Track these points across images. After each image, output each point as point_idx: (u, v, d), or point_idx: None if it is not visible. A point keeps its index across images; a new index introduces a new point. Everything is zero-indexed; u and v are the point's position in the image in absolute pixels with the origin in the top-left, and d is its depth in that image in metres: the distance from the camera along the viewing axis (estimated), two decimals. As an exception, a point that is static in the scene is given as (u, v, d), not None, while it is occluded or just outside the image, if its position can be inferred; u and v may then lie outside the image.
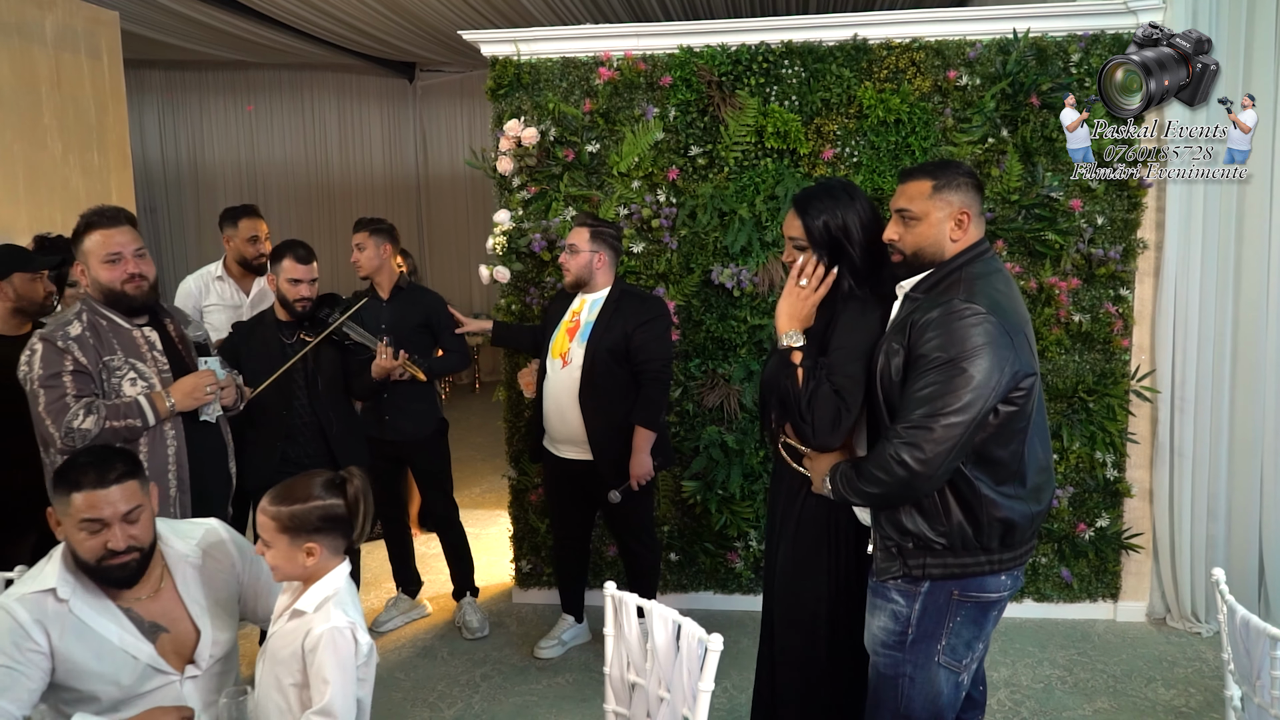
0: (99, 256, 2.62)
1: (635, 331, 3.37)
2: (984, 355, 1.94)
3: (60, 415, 2.52)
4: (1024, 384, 2.01)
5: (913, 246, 2.14)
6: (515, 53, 3.93)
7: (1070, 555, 3.97)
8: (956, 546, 2.06)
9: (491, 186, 4.13)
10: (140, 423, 2.60)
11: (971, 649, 2.14)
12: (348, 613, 1.82)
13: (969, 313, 1.97)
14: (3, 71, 4.44)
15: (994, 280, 2.07)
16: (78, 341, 2.58)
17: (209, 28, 6.91)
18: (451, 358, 3.90)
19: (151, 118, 9.40)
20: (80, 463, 1.90)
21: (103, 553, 1.88)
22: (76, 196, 4.85)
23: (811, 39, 3.79)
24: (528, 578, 4.29)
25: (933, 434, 1.94)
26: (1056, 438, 3.86)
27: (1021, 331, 2.04)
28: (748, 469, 3.98)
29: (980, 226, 2.15)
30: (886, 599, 2.14)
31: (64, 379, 2.54)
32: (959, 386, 1.94)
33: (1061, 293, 3.76)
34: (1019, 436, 2.05)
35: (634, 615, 2.16)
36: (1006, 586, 2.12)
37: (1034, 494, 2.11)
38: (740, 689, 3.47)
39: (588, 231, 3.43)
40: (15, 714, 1.80)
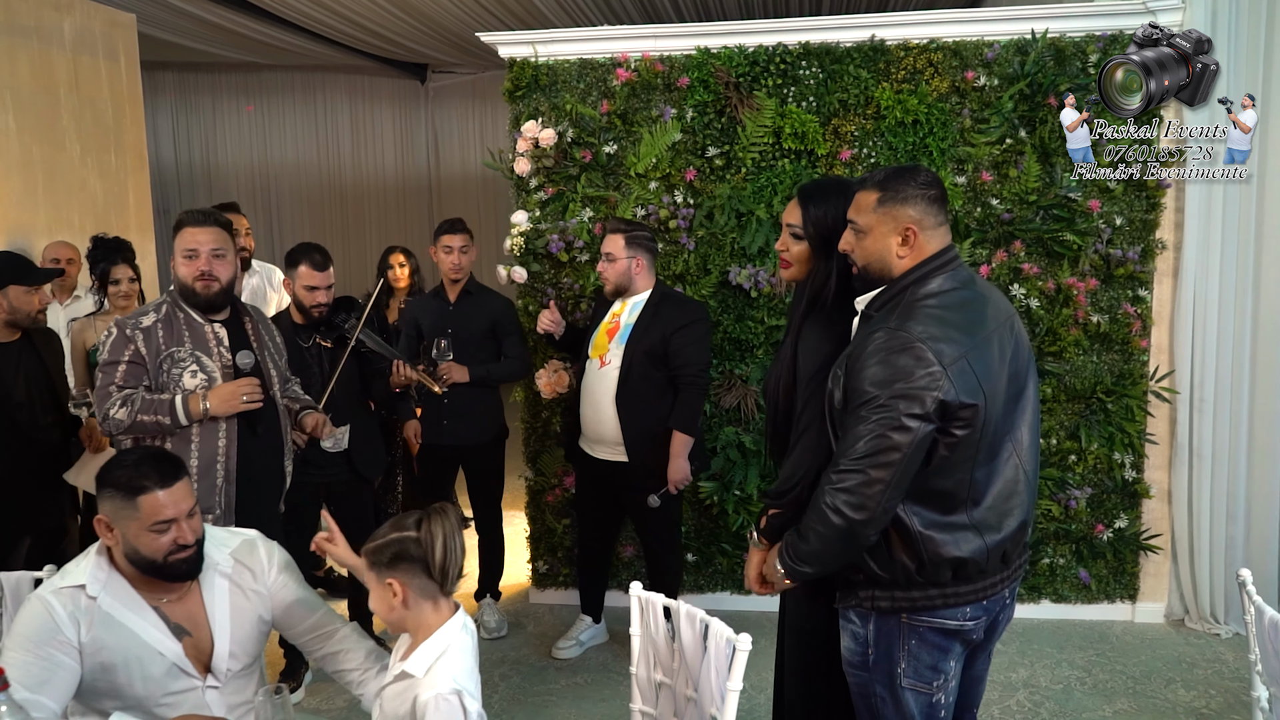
0: (180, 252, 2.76)
1: (673, 336, 3.37)
2: (908, 392, 1.82)
3: (103, 401, 2.66)
4: (962, 414, 1.85)
5: (863, 260, 2.04)
6: (533, 54, 3.93)
7: (1088, 556, 3.96)
8: (901, 581, 1.97)
9: (506, 187, 4.14)
10: (169, 420, 2.66)
11: (940, 671, 2.02)
12: (457, 678, 1.74)
13: (897, 344, 1.85)
14: (22, 74, 4.47)
15: (943, 299, 1.93)
16: (145, 333, 2.71)
17: (222, 29, 6.94)
18: (511, 364, 3.88)
19: (165, 119, 9.44)
20: (131, 465, 1.90)
21: (171, 548, 1.90)
22: (94, 197, 4.88)
23: (829, 40, 3.79)
24: (544, 578, 4.30)
25: (866, 477, 1.84)
26: (1074, 438, 3.85)
27: (967, 357, 1.87)
28: (765, 470, 3.98)
29: (937, 239, 1.99)
30: (847, 619, 2.10)
31: (119, 367, 2.68)
32: (887, 426, 1.83)
33: (1080, 293, 3.76)
34: (965, 466, 1.91)
35: (660, 615, 2.17)
36: (968, 616, 1.99)
37: (994, 520, 1.97)
38: (759, 689, 3.47)
39: (622, 238, 3.43)
40: (52, 708, 1.81)
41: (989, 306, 1.99)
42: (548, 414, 4.13)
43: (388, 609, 1.80)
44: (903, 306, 1.93)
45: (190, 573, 1.96)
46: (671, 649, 2.12)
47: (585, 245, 3.98)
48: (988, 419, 1.90)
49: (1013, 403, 1.99)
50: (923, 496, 1.92)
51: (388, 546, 1.77)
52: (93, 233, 4.33)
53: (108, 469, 1.93)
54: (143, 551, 1.90)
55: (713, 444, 4.00)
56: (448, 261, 3.85)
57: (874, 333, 1.92)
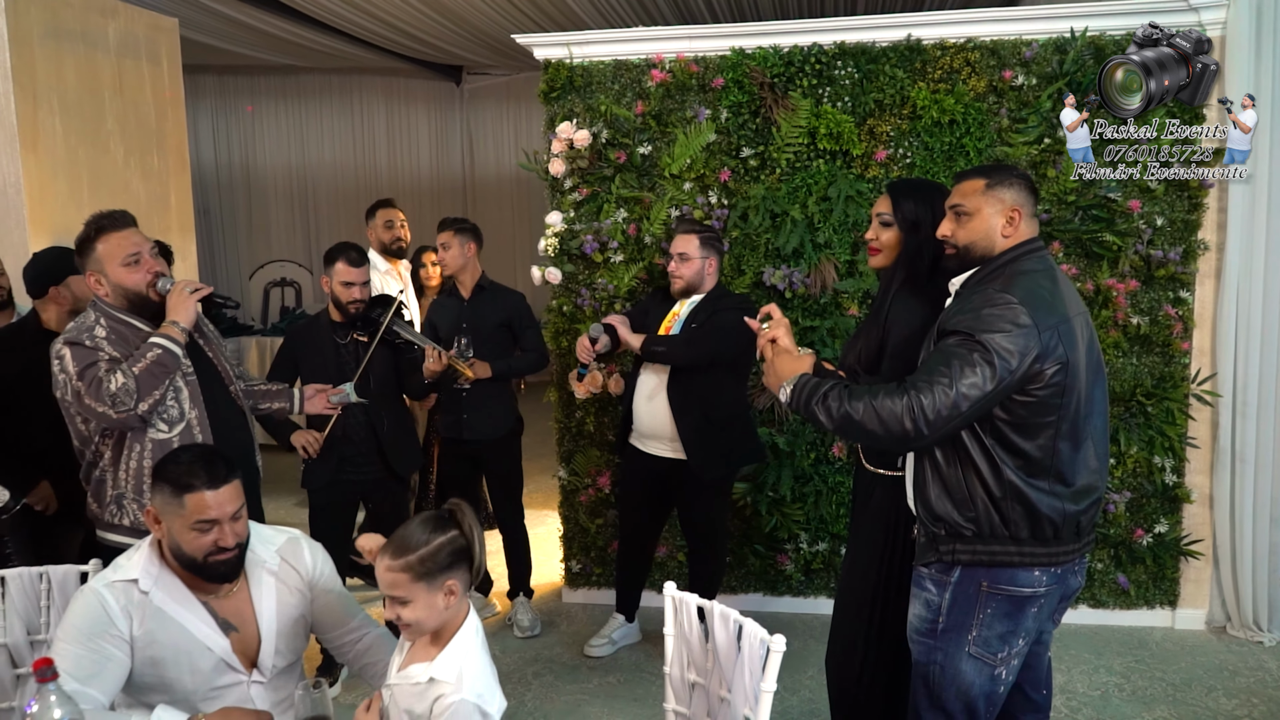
0: (117, 260, 2.51)
1: (710, 318, 3.39)
2: (1004, 337, 1.97)
3: (99, 387, 2.42)
4: (1049, 371, 2.00)
5: (965, 241, 2.21)
6: (568, 55, 3.95)
7: (1127, 561, 3.91)
8: (985, 534, 2.09)
9: (541, 188, 4.16)
10: (162, 353, 2.47)
11: (1008, 643, 2.13)
12: (481, 692, 1.75)
13: (1000, 300, 2.02)
14: (68, 78, 4.55)
15: (1038, 277, 2.10)
16: (106, 340, 2.51)
17: (262, 33, 7.04)
18: (529, 357, 3.93)
19: (205, 122, 9.58)
20: (185, 463, 1.93)
21: (211, 549, 1.92)
22: (137, 199, 4.96)
23: (865, 40, 3.77)
24: (577, 577, 4.32)
25: (948, 398, 1.97)
26: (1114, 441, 3.80)
27: (1058, 328, 2.03)
28: (798, 471, 3.97)
29: (1032, 226, 2.20)
30: (921, 587, 2.21)
31: (99, 365, 2.46)
32: (976, 361, 1.97)
33: (1119, 295, 3.71)
34: (1045, 431, 2.05)
35: (694, 615, 2.17)
36: (1042, 583, 2.11)
37: (1075, 496, 2.10)
38: (792, 691, 3.46)
39: (697, 239, 3.44)
40: (101, 700, 1.85)
41: (1069, 295, 2.15)
42: (581, 414, 4.15)
43: (438, 615, 1.77)
44: (1004, 277, 2.10)
45: (228, 576, 1.98)
46: (705, 649, 2.13)
47: (619, 246, 3.99)
48: (1072, 389, 2.04)
49: (1091, 389, 2.12)
50: (1010, 451, 2.05)
51: (440, 550, 1.75)
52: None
53: (163, 463, 1.97)
54: (184, 549, 1.93)
55: (746, 445, 3.99)
56: (437, 259, 3.91)
57: (972, 296, 2.10)
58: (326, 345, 3.49)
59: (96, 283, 2.55)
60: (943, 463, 2.13)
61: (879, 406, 2.02)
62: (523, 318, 3.93)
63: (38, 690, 1.56)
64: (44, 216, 4.39)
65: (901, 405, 1.99)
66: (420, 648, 1.84)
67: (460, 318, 3.83)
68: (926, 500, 2.16)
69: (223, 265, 9.60)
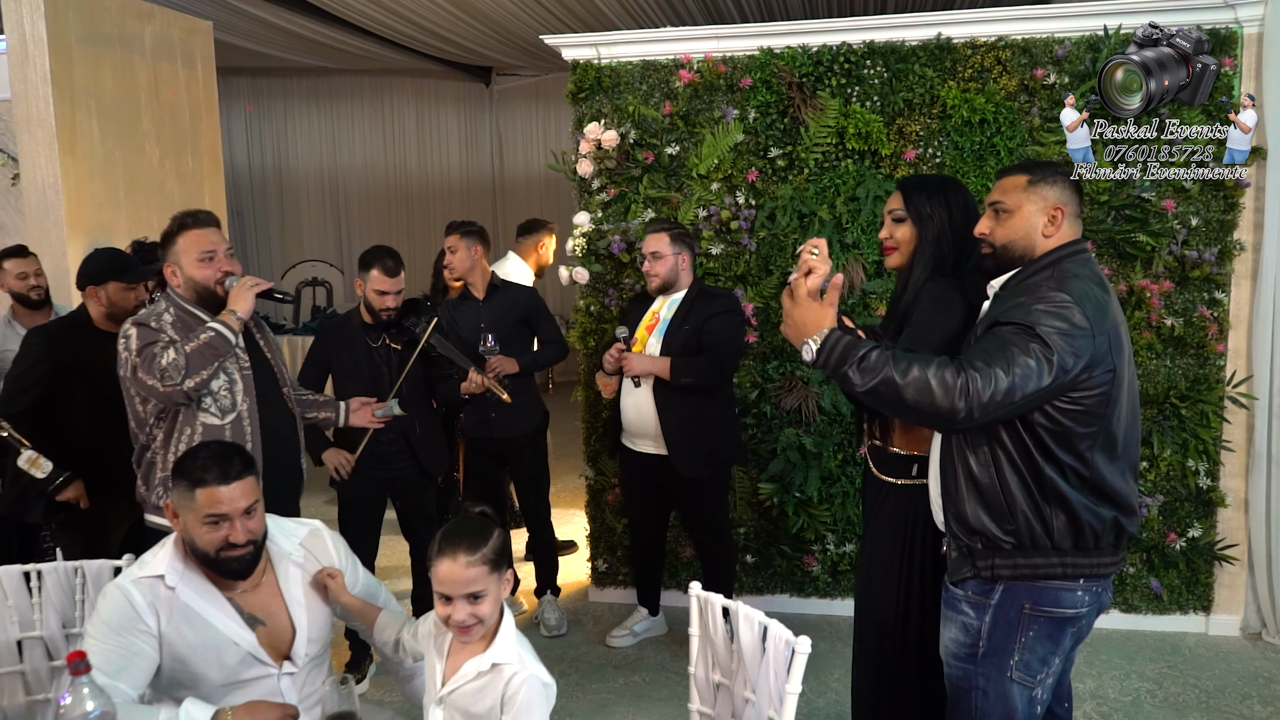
0: (193, 256, 2.68)
1: (706, 324, 3.44)
2: (1061, 336, 1.88)
3: (152, 364, 2.54)
4: (1097, 376, 1.92)
5: (1003, 239, 2.11)
6: (595, 56, 3.96)
7: (1160, 565, 3.86)
8: (1026, 545, 2.00)
9: (569, 189, 4.17)
10: (213, 335, 2.59)
11: (1047, 664, 2.06)
12: (533, 658, 1.85)
13: (1056, 299, 1.93)
14: (105, 81, 4.63)
15: (1088, 281, 2.01)
16: (170, 325, 2.64)
17: (294, 35, 7.11)
18: (551, 349, 3.99)
19: (239, 123, 9.71)
20: (201, 458, 1.96)
21: (222, 544, 1.95)
22: (172, 200, 5.03)
23: (894, 39, 3.75)
24: (604, 577, 4.32)
25: (1004, 383, 1.85)
26: (1146, 444, 3.75)
27: (1110, 333, 1.96)
28: (825, 472, 3.95)
29: (1076, 227, 2.10)
30: (957, 610, 2.11)
31: (156, 344, 2.58)
32: (1035, 353, 1.87)
33: (1153, 296, 3.66)
34: (1084, 441, 1.96)
35: (719, 615, 2.17)
36: (1084, 602, 2.03)
37: (1111, 503, 2.02)
38: (818, 693, 3.45)
39: (667, 236, 3.48)
40: (130, 694, 1.88)
41: (1115, 301, 2.07)
42: (608, 413, 4.15)
43: (497, 608, 1.84)
44: (1055, 277, 2.00)
45: (241, 573, 2.00)
46: (730, 650, 2.12)
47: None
48: (1116, 400, 1.97)
49: (1129, 399, 2.05)
50: (1049, 459, 1.97)
51: (500, 541, 1.84)
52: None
53: (182, 459, 2.00)
54: (197, 543, 1.96)
55: (773, 445, 3.98)
56: (446, 260, 3.94)
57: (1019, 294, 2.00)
58: (359, 347, 3.52)
59: (172, 274, 2.72)
60: (977, 471, 2.03)
61: (932, 376, 1.87)
62: (538, 311, 4.00)
63: (71, 683, 1.59)
64: (81, 217, 4.47)
65: (957, 381, 1.86)
66: (463, 647, 1.87)
67: (478, 318, 3.86)
68: (960, 513, 2.05)
69: (255, 265, 9.71)
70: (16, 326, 4.05)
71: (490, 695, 1.81)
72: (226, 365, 2.68)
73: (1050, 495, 1.98)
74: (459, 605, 1.79)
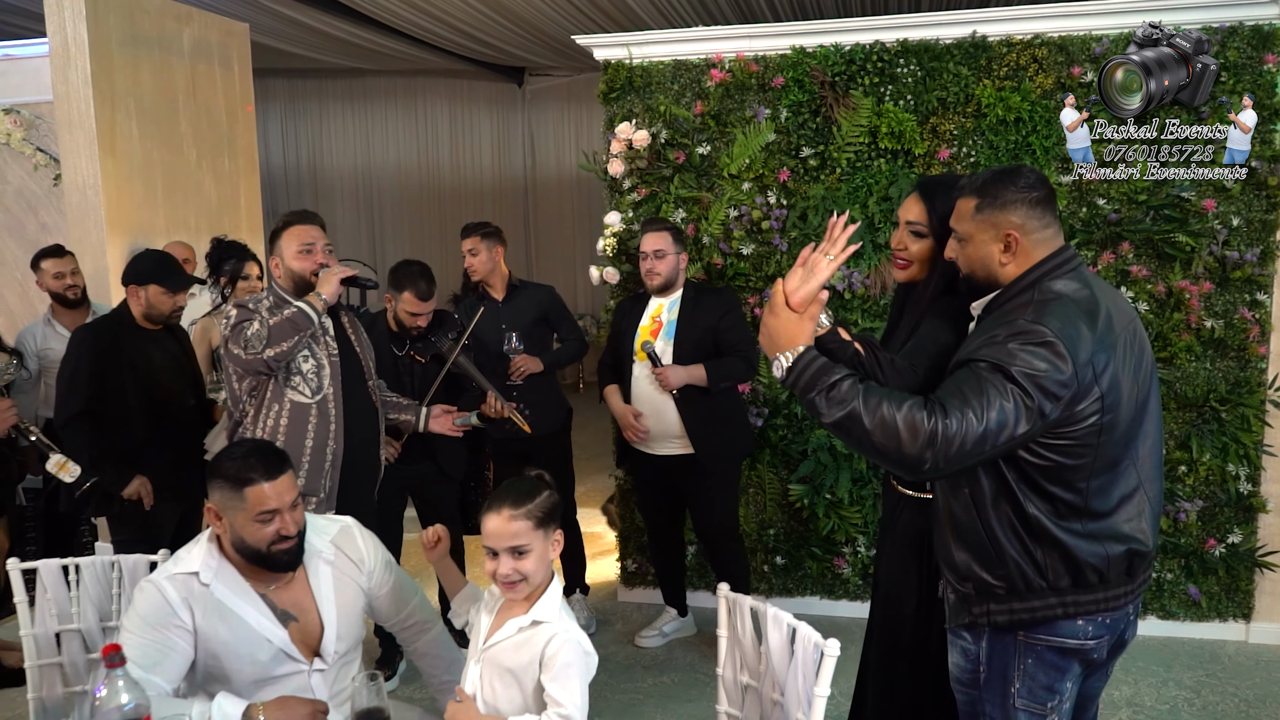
0: (294, 248, 2.90)
1: (720, 322, 3.49)
2: (1040, 376, 1.70)
3: (239, 335, 2.78)
4: (1083, 410, 1.74)
5: (966, 268, 1.96)
6: (627, 56, 3.96)
7: (1198, 572, 3.79)
8: (1020, 589, 1.84)
9: (600, 189, 4.17)
10: (295, 311, 2.81)
11: (1056, 692, 1.90)
12: (575, 625, 1.89)
13: (1034, 335, 1.73)
14: (145, 83, 4.70)
15: (1069, 301, 1.81)
16: (266, 309, 2.87)
17: (329, 36, 7.18)
18: (571, 346, 4.03)
19: (275, 124, 9.81)
20: (240, 457, 1.99)
21: (275, 539, 1.98)
22: (209, 200, 5.10)
23: (928, 37, 3.72)
24: (633, 576, 4.32)
25: (976, 430, 1.67)
26: (1185, 448, 3.69)
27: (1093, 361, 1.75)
28: (856, 473, 3.92)
29: (1046, 242, 1.87)
30: (957, 635, 2.01)
31: (247, 320, 2.82)
32: (1012, 396, 1.69)
33: (1192, 297, 3.60)
34: (1079, 474, 1.79)
35: (748, 617, 2.16)
36: (1088, 633, 1.86)
37: (1115, 528, 1.84)
38: (847, 696, 3.41)
39: (670, 234, 3.52)
40: (165, 688, 1.91)
41: (1115, 309, 1.87)
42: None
43: (545, 569, 1.88)
44: (1034, 306, 1.81)
45: (291, 564, 2.03)
46: (759, 652, 2.11)
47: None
48: (1109, 427, 1.79)
49: (1137, 413, 1.86)
50: (1038, 494, 1.81)
51: (549, 500, 1.89)
52: (209, 234, 4.53)
53: (217, 460, 2.02)
54: (248, 541, 1.98)
55: (803, 447, 3.96)
56: (467, 263, 3.96)
57: (997, 327, 1.80)
58: (383, 356, 3.50)
59: (275, 266, 2.97)
60: (959, 515, 1.87)
61: (900, 419, 1.69)
62: (558, 309, 4.03)
63: (106, 675, 1.61)
64: (120, 217, 4.54)
65: (924, 427, 1.67)
66: (510, 607, 1.92)
67: (499, 319, 3.87)
68: (949, 559, 1.91)
69: (290, 264, 9.81)
70: (56, 325, 4.12)
71: (527, 651, 1.85)
72: (315, 349, 2.89)
73: (1039, 535, 1.81)
74: (504, 559, 1.84)
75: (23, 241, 5.08)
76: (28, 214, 5.12)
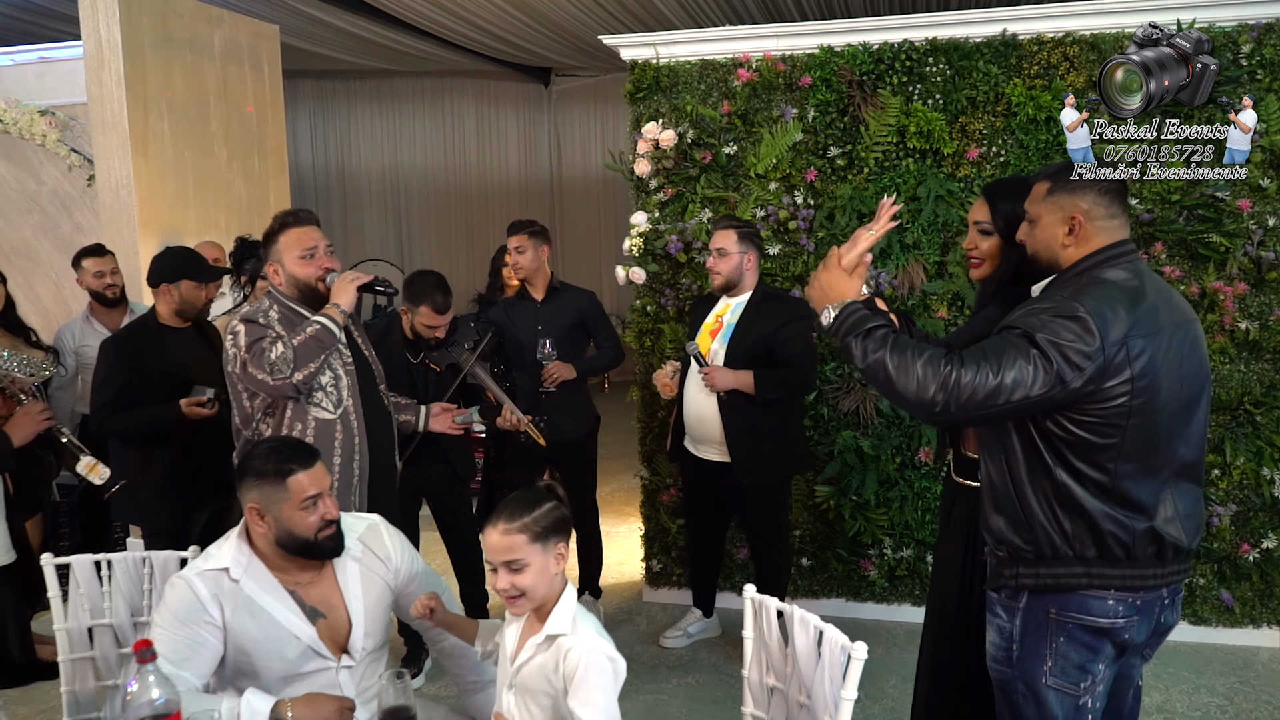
0: (295, 253, 2.72)
1: (776, 333, 3.40)
2: (1066, 346, 1.79)
3: (262, 356, 2.60)
4: (1111, 389, 1.82)
5: (1031, 249, 2.06)
6: (654, 56, 3.96)
7: (1231, 577, 3.74)
8: (1046, 555, 1.93)
9: (627, 189, 4.17)
10: (319, 328, 2.64)
11: (1088, 672, 1.95)
12: (597, 632, 1.83)
13: (1066, 309, 1.84)
14: (177, 84, 4.75)
15: (1116, 287, 1.88)
16: (276, 321, 2.70)
17: (358, 38, 7.24)
18: (607, 354, 3.99)
19: (304, 125, 9.90)
20: (271, 449, 2.02)
21: (321, 524, 2.01)
22: (239, 200, 5.15)
23: (957, 35, 3.69)
24: (658, 577, 4.32)
25: (990, 383, 1.80)
26: (1218, 451, 3.64)
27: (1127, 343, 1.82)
28: (883, 475, 3.90)
29: (1109, 232, 1.96)
30: (993, 613, 2.07)
31: (264, 339, 2.64)
32: (1033, 359, 1.80)
33: (1227, 298, 3.55)
34: (1106, 453, 1.85)
35: (774, 618, 2.15)
36: (1119, 613, 1.91)
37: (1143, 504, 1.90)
38: (874, 699, 3.40)
39: (735, 233, 3.44)
40: (195, 683, 1.93)
41: (1165, 304, 1.93)
42: (664, 414, 4.15)
43: (548, 582, 1.83)
44: (1075, 285, 1.92)
45: (335, 549, 2.06)
46: (785, 654, 2.10)
47: (704, 246, 3.97)
48: (1139, 412, 1.85)
49: (1183, 412, 1.92)
50: (1067, 467, 1.89)
51: (550, 513, 1.83)
52: (238, 233, 4.58)
53: (247, 460, 2.04)
54: (296, 531, 2.00)
55: (830, 448, 3.94)
56: (509, 261, 3.94)
57: (1037, 301, 1.94)
58: (398, 361, 3.48)
59: (274, 272, 2.77)
60: (996, 480, 1.99)
61: (919, 362, 1.85)
62: (595, 315, 3.99)
63: (137, 670, 1.63)
64: (152, 217, 4.60)
65: (940, 372, 1.83)
66: (529, 625, 1.89)
67: (535, 320, 3.87)
68: (987, 522, 2.03)
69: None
70: (94, 324, 4.17)
71: (549, 669, 1.81)
72: (331, 360, 2.75)
73: (1065, 503, 1.89)
74: (501, 574, 1.81)
75: (58, 241, 5.16)
76: (62, 214, 5.19)
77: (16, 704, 3.47)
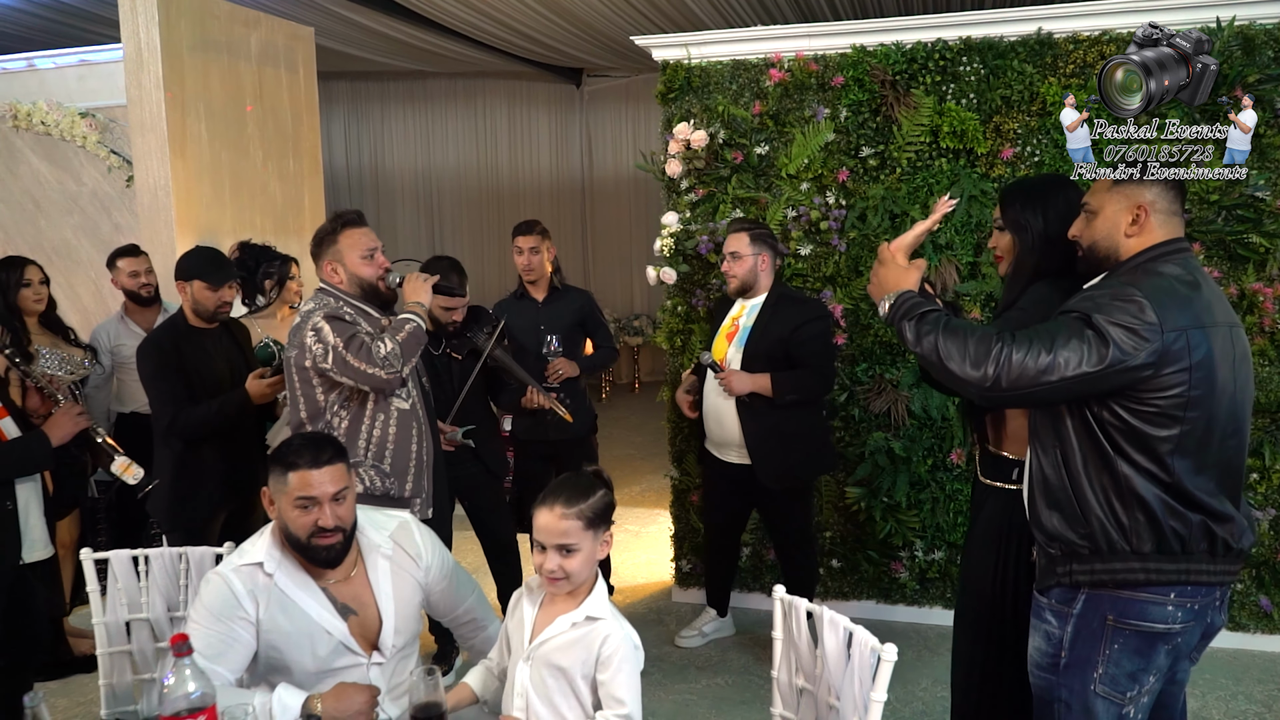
0: (357, 254, 2.81)
1: (793, 334, 3.39)
2: (1121, 330, 1.81)
3: (371, 356, 2.64)
4: (1169, 377, 1.82)
5: (1089, 240, 2.07)
6: (686, 56, 3.96)
7: (1270, 583, 3.67)
8: (1102, 549, 1.91)
9: (658, 189, 4.17)
10: (415, 324, 2.75)
11: (1138, 681, 1.94)
12: (625, 622, 1.91)
13: (1124, 293, 1.86)
14: (214, 86, 4.81)
15: (1172, 279, 1.90)
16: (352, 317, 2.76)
17: (391, 39, 7.29)
18: (603, 353, 4.06)
19: (338, 127, 9.99)
20: (295, 445, 2.04)
21: (313, 529, 2.01)
22: (274, 201, 5.21)
23: (992, 34, 3.66)
24: (687, 577, 4.32)
25: (1042, 360, 1.82)
26: (1257, 455, 3.58)
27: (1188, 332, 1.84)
28: (915, 477, 3.87)
29: (1170, 227, 2.00)
30: (1041, 619, 2.04)
31: (360, 335, 2.69)
32: (1088, 338, 1.82)
33: (1266, 299, 3.49)
34: (1162, 445, 1.86)
35: (803, 620, 2.15)
36: (1177, 618, 1.91)
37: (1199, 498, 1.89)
38: (904, 702, 3.38)
39: (747, 236, 3.45)
40: (229, 678, 1.96)
41: (1216, 303, 1.96)
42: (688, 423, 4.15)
43: (590, 568, 1.89)
44: (1130, 273, 1.95)
45: (331, 561, 2.05)
46: (814, 655, 2.10)
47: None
48: (1200, 403, 1.86)
49: (1237, 411, 1.94)
50: (1128, 460, 1.89)
51: (604, 501, 1.89)
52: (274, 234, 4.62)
53: (279, 447, 2.07)
54: (290, 527, 2.02)
55: (860, 449, 3.92)
56: (520, 262, 3.95)
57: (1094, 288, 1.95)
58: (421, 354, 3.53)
59: (332, 271, 2.84)
60: (1050, 475, 1.98)
61: (968, 342, 1.89)
62: (594, 315, 4.04)
63: (174, 664, 1.65)
64: (189, 217, 4.66)
65: (991, 348, 1.86)
66: (554, 600, 1.93)
67: (537, 320, 3.90)
68: (1038, 519, 2.01)
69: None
70: (129, 323, 4.23)
71: (581, 647, 1.86)
72: None
73: (1127, 494, 1.89)
74: (551, 555, 1.85)
75: (97, 241, 5.24)
76: (102, 215, 5.27)
77: (56, 696, 3.53)
